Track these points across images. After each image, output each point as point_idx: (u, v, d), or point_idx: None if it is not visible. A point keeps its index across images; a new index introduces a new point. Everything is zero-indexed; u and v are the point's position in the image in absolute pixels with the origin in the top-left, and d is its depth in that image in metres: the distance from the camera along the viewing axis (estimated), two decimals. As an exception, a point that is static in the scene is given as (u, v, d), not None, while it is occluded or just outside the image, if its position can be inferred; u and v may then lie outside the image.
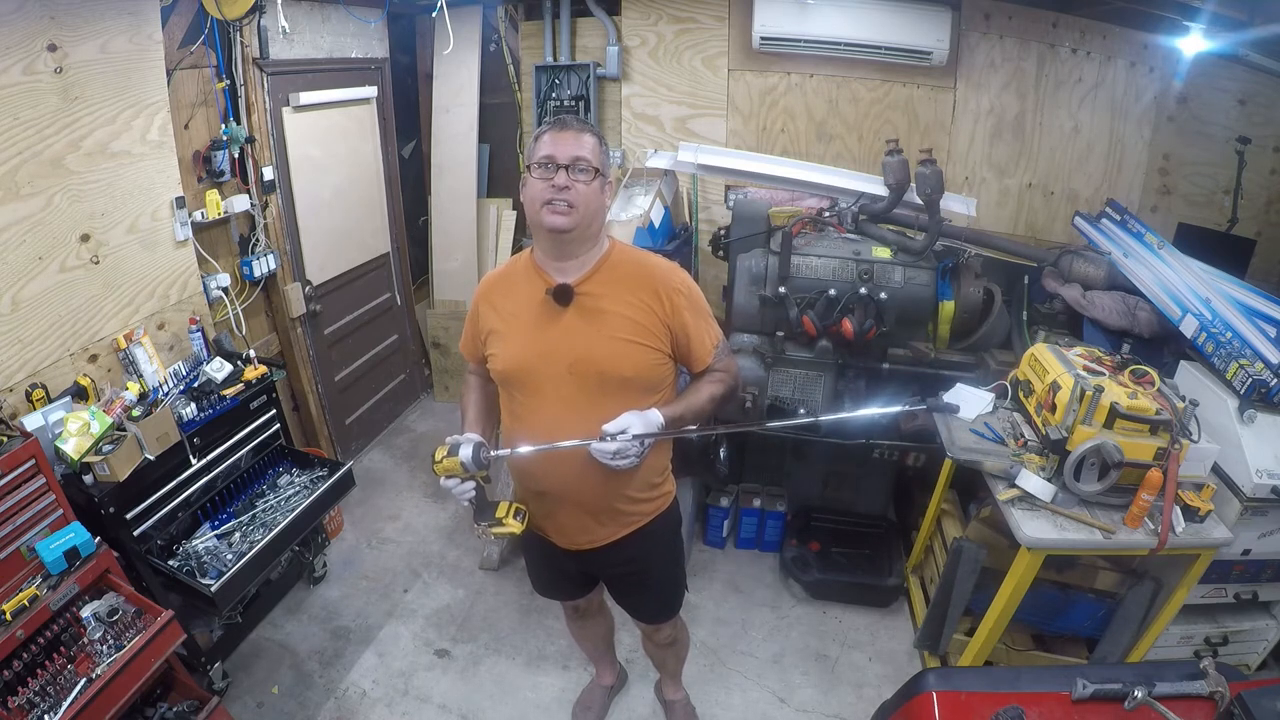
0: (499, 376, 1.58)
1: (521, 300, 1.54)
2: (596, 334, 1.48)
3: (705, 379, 1.61)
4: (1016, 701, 1.38)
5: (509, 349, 1.54)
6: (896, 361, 2.69)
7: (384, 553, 3.07)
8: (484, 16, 3.75)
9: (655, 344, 1.50)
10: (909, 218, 2.77)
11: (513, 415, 1.60)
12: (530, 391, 1.53)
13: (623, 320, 1.48)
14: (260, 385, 2.44)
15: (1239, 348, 2.04)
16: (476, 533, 1.60)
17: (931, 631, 2.32)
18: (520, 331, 1.53)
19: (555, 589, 1.98)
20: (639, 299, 1.49)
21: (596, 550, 1.68)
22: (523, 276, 1.56)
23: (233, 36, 2.66)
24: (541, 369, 1.51)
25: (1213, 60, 2.83)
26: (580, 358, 1.48)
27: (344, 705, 2.37)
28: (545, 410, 1.52)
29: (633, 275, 1.51)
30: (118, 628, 1.77)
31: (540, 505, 1.64)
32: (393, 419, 4.10)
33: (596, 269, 1.51)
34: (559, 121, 1.47)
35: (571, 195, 1.40)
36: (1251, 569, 2.16)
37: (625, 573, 1.79)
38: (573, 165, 1.40)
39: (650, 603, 1.91)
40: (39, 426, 1.89)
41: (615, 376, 1.49)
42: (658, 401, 1.54)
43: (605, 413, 1.45)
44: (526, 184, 1.47)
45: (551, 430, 1.49)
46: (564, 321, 1.49)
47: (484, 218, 4.01)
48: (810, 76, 3.32)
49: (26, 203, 1.98)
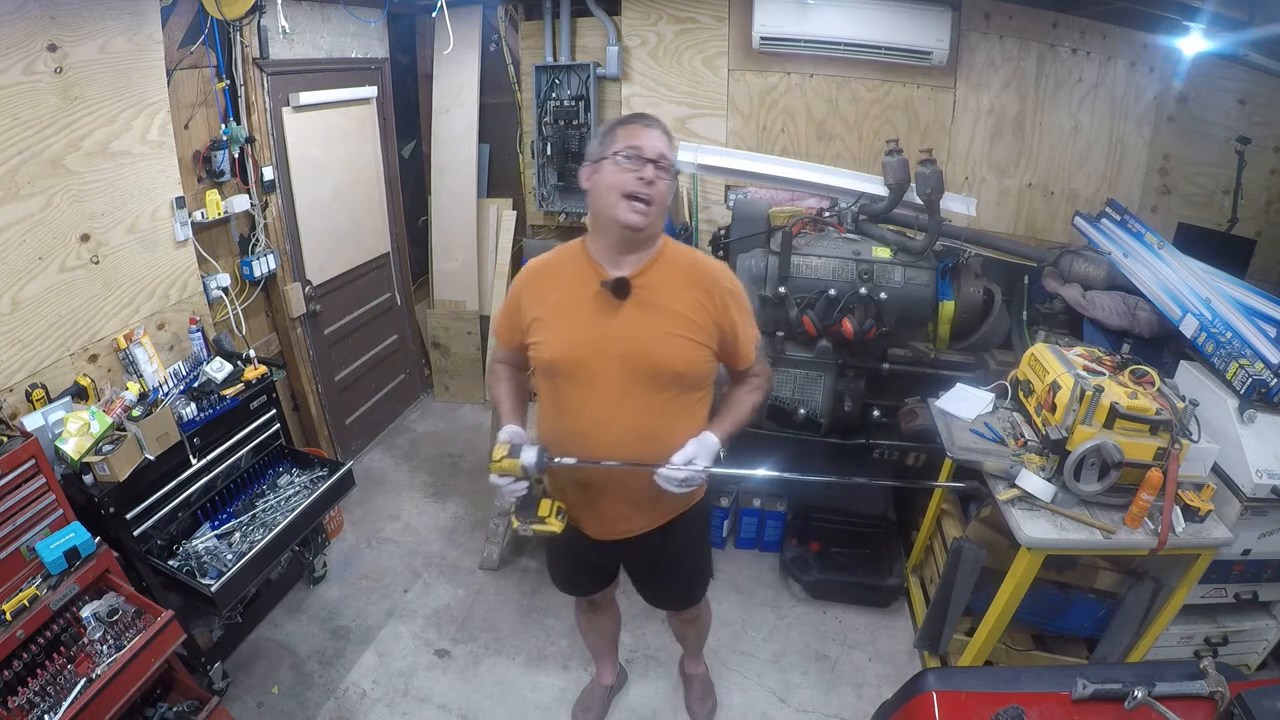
0: (544, 365, 1.57)
1: (570, 290, 1.54)
2: (651, 328, 1.49)
3: (745, 388, 1.65)
4: (1016, 701, 1.38)
5: (557, 338, 1.54)
6: (896, 361, 2.70)
7: (384, 553, 3.07)
8: (484, 16, 3.76)
9: (706, 341, 1.52)
10: (909, 218, 2.77)
11: (556, 405, 1.60)
12: (578, 382, 1.53)
13: (676, 316, 1.50)
14: (260, 385, 2.43)
15: (1239, 348, 2.04)
16: (515, 527, 1.61)
17: (931, 631, 2.32)
18: (569, 321, 1.53)
19: (577, 584, 1.98)
20: (692, 296, 1.51)
21: (630, 539, 1.70)
22: (572, 266, 1.56)
23: (233, 36, 2.66)
24: (592, 360, 1.51)
25: (1213, 60, 2.83)
26: (633, 351, 1.49)
27: (344, 705, 2.37)
28: (593, 402, 1.53)
29: (686, 273, 1.53)
30: (118, 628, 1.77)
31: (582, 495, 1.64)
32: (393, 419, 4.10)
33: (651, 264, 1.52)
34: (640, 116, 1.49)
35: (652, 191, 1.42)
36: (1251, 569, 2.16)
37: (654, 560, 1.81)
38: (658, 162, 1.42)
39: (675, 589, 1.94)
40: (39, 426, 1.89)
41: (667, 371, 1.51)
42: (701, 399, 1.58)
43: (652, 406, 1.50)
44: (600, 171, 1.46)
45: (599, 422, 1.51)
46: (619, 314, 1.50)
47: (484, 218, 4.01)
48: (810, 76, 3.32)
49: (26, 203, 1.98)
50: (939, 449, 2.24)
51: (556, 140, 3.65)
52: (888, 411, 2.71)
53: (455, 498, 3.44)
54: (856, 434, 2.77)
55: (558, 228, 3.94)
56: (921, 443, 2.61)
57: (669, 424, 1.54)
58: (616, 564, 1.89)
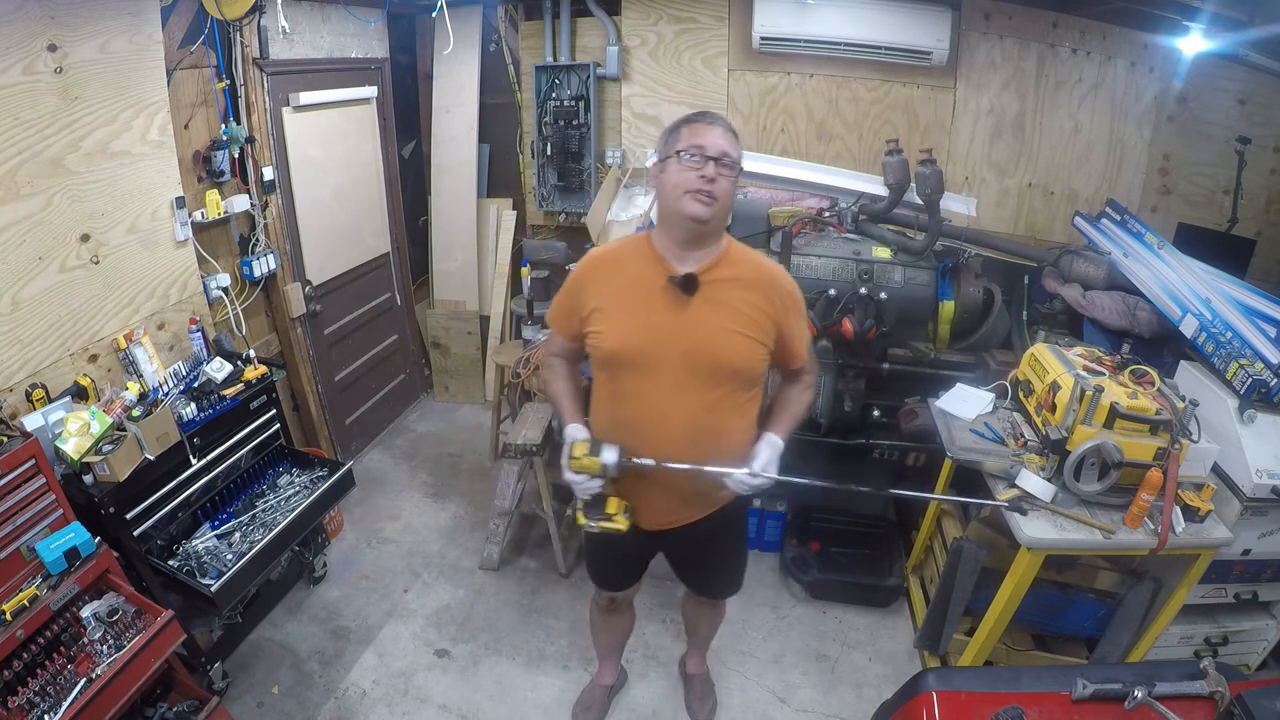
0: (604, 355, 1.59)
1: (634, 282, 1.56)
2: (715, 325, 1.52)
3: (798, 386, 1.71)
4: (1016, 701, 1.38)
5: (619, 328, 1.56)
6: (896, 361, 2.70)
7: (384, 553, 3.07)
8: (484, 16, 3.76)
9: (764, 340, 1.56)
10: (909, 218, 2.77)
11: (614, 395, 1.62)
12: (639, 373, 1.56)
13: (738, 315, 1.53)
14: (260, 385, 2.43)
15: (1239, 348, 2.04)
16: (581, 524, 1.64)
17: (931, 631, 2.32)
18: (631, 313, 1.56)
19: (614, 579, 2.00)
20: (754, 296, 1.54)
21: (676, 529, 1.74)
22: (636, 259, 1.58)
23: (233, 36, 2.66)
24: (655, 352, 1.53)
25: (1213, 60, 2.83)
26: (697, 345, 1.52)
27: (344, 705, 2.37)
28: (654, 393, 1.55)
29: (749, 274, 1.56)
30: (118, 628, 1.77)
31: (636, 487, 1.66)
32: (393, 419, 4.10)
33: (717, 262, 1.55)
34: (703, 115, 1.51)
35: (716, 188, 1.45)
36: (1251, 569, 2.16)
37: (699, 548, 1.86)
38: (720, 159, 1.44)
39: (719, 576, 1.98)
40: (39, 426, 1.88)
41: (728, 367, 1.54)
42: (754, 397, 1.62)
43: (709, 401, 1.54)
44: (665, 171, 1.50)
45: (657, 413, 1.55)
46: (685, 310, 1.52)
47: (484, 218, 4.01)
48: (810, 76, 3.32)
49: (26, 203, 1.98)
50: (939, 449, 2.24)
51: (556, 140, 3.65)
52: (888, 411, 2.71)
53: (455, 498, 3.44)
54: (856, 434, 2.78)
55: (558, 228, 3.93)
56: (921, 443, 2.61)
57: (724, 419, 1.58)
58: (650, 557, 1.94)
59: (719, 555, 1.91)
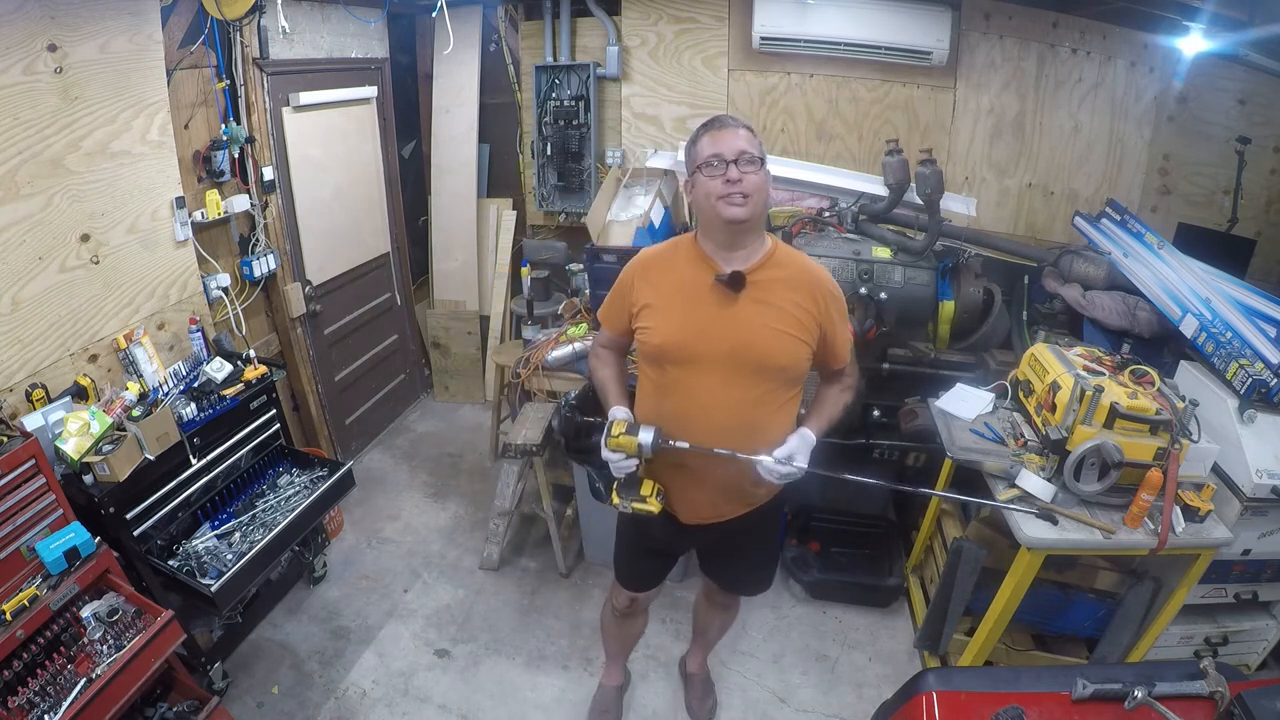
0: (652, 350, 1.62)
1: (683, 280, 1.59)
2: (761, 323, 1.55)
3: (837, 387, 1.73)
4: (1016, 701, 1.38)
5: (668, 325, 1.59)
6: (896, 361, 2.70)
7: (384, 553, 3.07)
8: (484, 16, 3.76)
9: (808, 340, 1.58)
10: (909, 218, 2.77)
11: (659, 390, 1.64)
12: (685, 369, 1.58)
13: (784, 314, 1.55)
14: (260, 385, 2.43)
15: (1239, 348, 2.04)
16: (615, 504, 1.65)
17: (931, 631, 2.32)
18: (681, 310, 1.58)
19: (642, 574, 1.99)
20: (799, 297, 1.56)
21: (713, 524, 1.75)
22: (685, 259, 1.61)
23: (233, 36, 2.66)
24: (701, 349, 1.56)
25: (1213, 60, 2.83)
26: (742, 343, 1.54)
27: (344, 705, 2.37)
28: (699, 389, 1.58)
29: (795, 275, 1.58)
30: (118, 628, 1.77)
31: (676, 478, 1.68)
32: (393, 419, 4.10)
33: (764, 263, 1.57)
34: (714, 121, 1.55)
35: (744, 186, 1.47)
36: (1251, 569, 2.16)
37: (733, 545, 1.87)
38: (740, 159, 1.47)
39: (751, 575, 1.99)
40: (39, 426, 1.89)
41: (772, 365, 1.57)
42: (795, 395, 1.65)
43: (752, 398, 1.57)
44: (696, 185, 1.53)
45: (702, 407, 1.58)
46: (732, 307, 1.55)
47: (484, 218, 4.01)
48: (810, 76, 3.32)
49: (26, 203, 1.98)
50: (939, 449, 2.24)
51: (556, 140, 3.65)
52: (888, 411, 2.71)
53: (455, 498, 3.44)
54: (856, 434, 2.77)
55: (558, 228, 3.94)
56: (921, 443, 2.61)
57: (766, 416, 1.60)
58: (681, 552, 1.98)
59: (753, 553, 1.92)
